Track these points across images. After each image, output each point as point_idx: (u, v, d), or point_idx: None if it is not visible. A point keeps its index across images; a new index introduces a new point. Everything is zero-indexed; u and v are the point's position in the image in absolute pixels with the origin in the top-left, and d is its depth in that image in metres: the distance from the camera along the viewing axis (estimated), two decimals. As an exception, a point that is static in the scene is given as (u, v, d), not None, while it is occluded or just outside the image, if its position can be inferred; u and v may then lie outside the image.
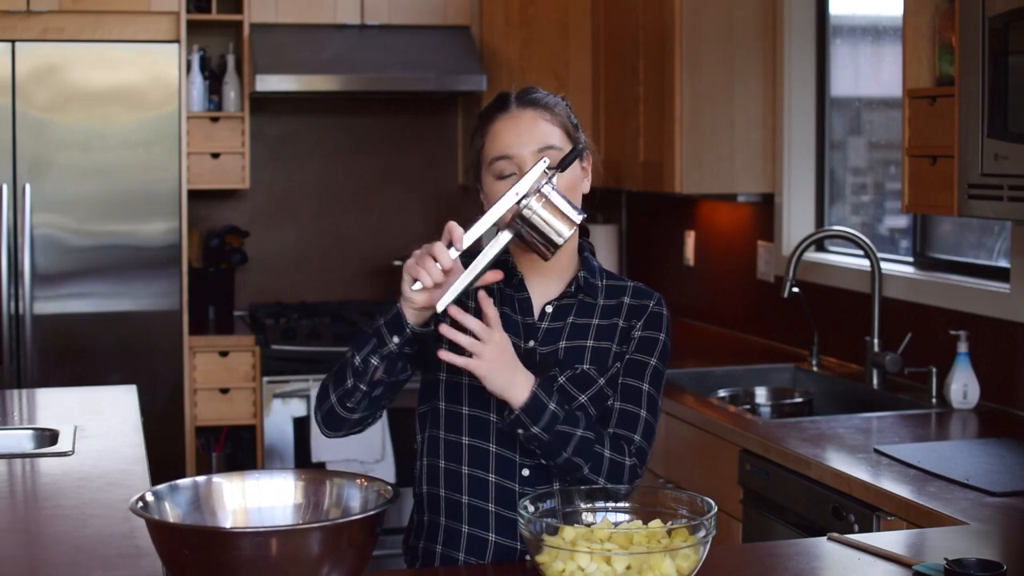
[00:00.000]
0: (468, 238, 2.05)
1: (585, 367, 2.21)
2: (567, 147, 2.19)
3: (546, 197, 2.03)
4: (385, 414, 4.66)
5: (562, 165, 2.07)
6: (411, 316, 2.07)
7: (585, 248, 2.29)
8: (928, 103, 3.12)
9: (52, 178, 4.68)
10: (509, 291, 2.23)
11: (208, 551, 1.68)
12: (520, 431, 2.11)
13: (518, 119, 2.19)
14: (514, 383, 2.08)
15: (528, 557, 2.18)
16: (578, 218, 2.04)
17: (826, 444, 3.03)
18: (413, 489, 2.30)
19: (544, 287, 2.24)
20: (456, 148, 5.59)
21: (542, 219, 2.02)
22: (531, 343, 2.20)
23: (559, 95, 2.27)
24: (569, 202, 2.05)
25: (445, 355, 2.05)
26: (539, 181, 2.04)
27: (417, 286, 2.03)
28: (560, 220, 2.03)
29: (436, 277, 2.01)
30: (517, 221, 2.03)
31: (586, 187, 2.26)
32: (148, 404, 3.66)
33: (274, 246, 5.46)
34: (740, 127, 4.44)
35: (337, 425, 2.17)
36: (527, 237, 2.04)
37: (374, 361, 2.09)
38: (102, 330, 4.75)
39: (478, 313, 2.09)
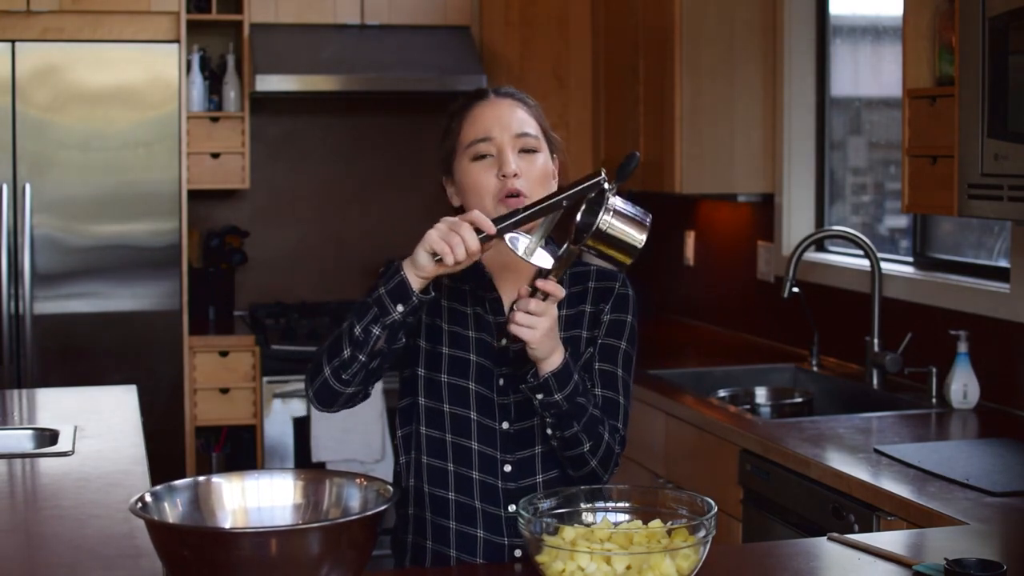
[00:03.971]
0: (498, 228, 2.01)
1: None
2: (543, 140, 2.23)
3: (615, 209, 1.99)
4: (385, 414, 4.67)
5: (621, 175, 2.03)
6: (416, 284, 2.03)
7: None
8: (928, 103, 3.12)
9: (52, 178, 4.68)
10: (480, 291, 2.24)
11: (208, 551, 1.68)
12: (541, 395, 2.11)
13: (498, 105, 2.23)
14: (553, 352, 2.09)
15: (518, 552, 2.19)
16: (648, 220, 2.02)
17: (826, 444, 3.03)
18: (398, 483, 2.30)
19: (513, 285, 2.25)
20: (456, 148, 5.59)
21: (620, 230, 1.99)
22: (503, 341, 2.21)
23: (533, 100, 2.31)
24: (635, 206, 2.03)
25: (514, 327, 2.06)
26: (592, 191, 2.01)
27: (438, 259, 2.00)
28: (634, 227, 2.00)
29: (459, 256, 1.98)
30: (587, 238, 1.99)
31: (554, 186, 2.26)
32: (148, 404, 3.66)
33: (274, 246, 5.46)
34: (740, 127, 4.44)
35: (330, 399, 2.12)
36: (603, 252, 2.01)
37: (375, 331, 2.05)
38: (102, 330, 4.75)
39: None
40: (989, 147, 2.80)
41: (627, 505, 1.99)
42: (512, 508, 2.21)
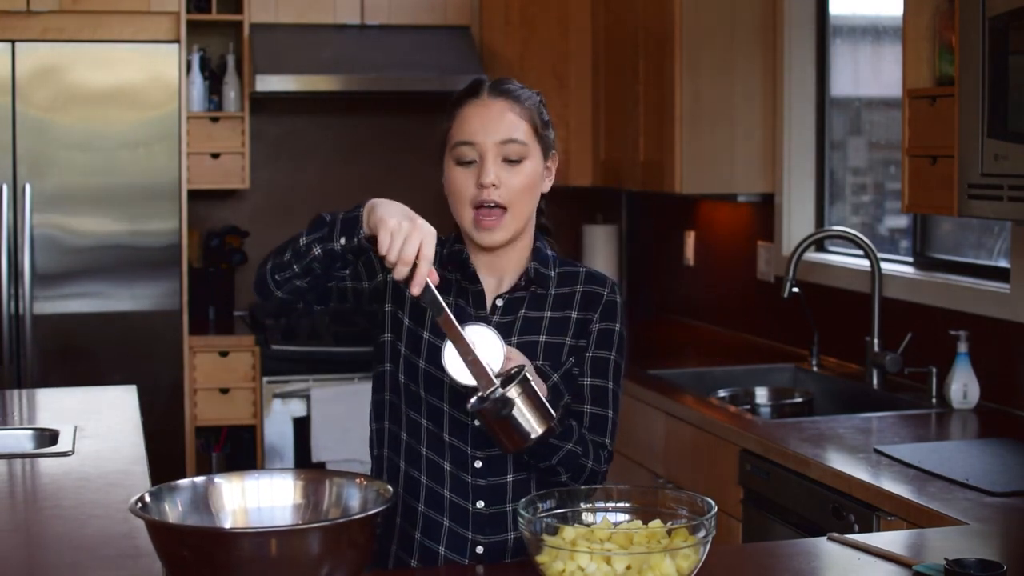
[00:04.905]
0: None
1: (538, 363, 2.20)
2: (532, 144, 2.19)
3: (529, 391, 1.94)
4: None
5: (513, 382, 1.96)
6: (367, 230, 2.02)
7: (539, 238, 2.29)
8: (928, 103, 3.12)
9: (52, 178, 4.68)
10: (464, 283, 2.23)
11: (208, 551, 1.68)
12: None
13: (488, 107, 2.19)
14: None
15: (480, 549, 2.20)
16: (553, 421, 1.96)
17: (826, 444, 3.03)
18: (371, 449, 2.29)
19: (497, 279, 2.24)
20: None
21: (522, 414, 1.94)
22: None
23: (534, 91, 2.26)
24: (547, 401, 1.97)
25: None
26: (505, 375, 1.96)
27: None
28: (536, 417, 1.95)
29: (388, 262, 1.96)
30: (493, 401, 1.94)
31: (546, 187, 2.25)
32: (148, 404, 3.66)
33: (274, 246, 5.45)
34: (740, 127, 4.44)
35: (263, 292, 2.14)
36: (494, 426, 1.96)
37: (316, 250, 2.05)
38: (102, 330, 4.75)
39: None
40: (989, 147, 2.80)
41: (627, 505, 1.99)
42: (480, 504, 2.20)
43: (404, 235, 1.95)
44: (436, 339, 2.19)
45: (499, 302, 2.23)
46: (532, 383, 1.96)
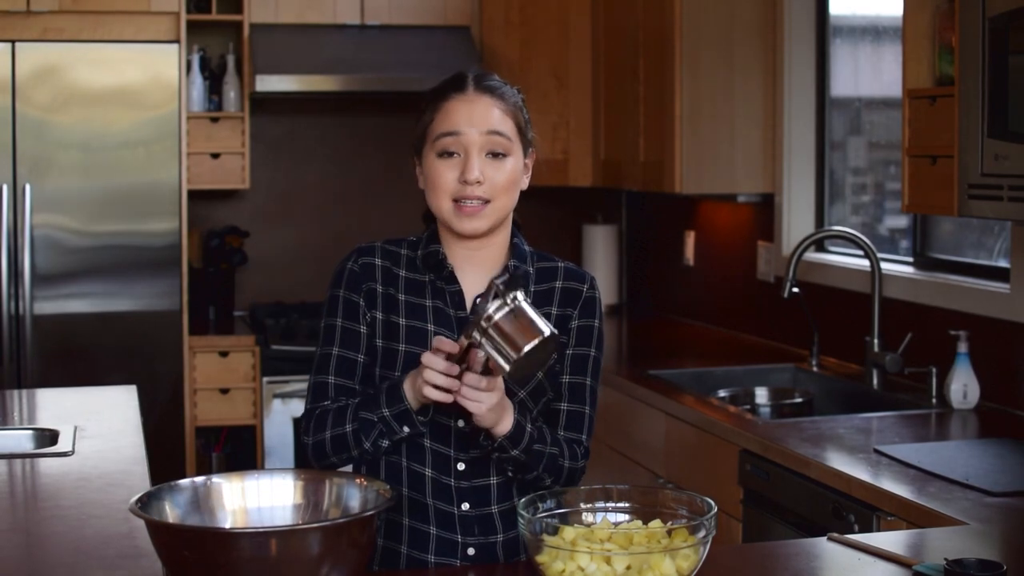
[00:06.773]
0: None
1: None
2: (516, 140, 2.18)
3: (512, 307, 1.93)
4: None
5: (511, 284, 1.95)
6: (414, 403, 2.07)
7: (516, 234, 2.27)
8: (928, 103, 3.12)
9: (52, 178, 4.68)
10: (440, 283, 2.20)
11: (208, 551, 1.68)
12: (497, 453, 2.11)
13: (473, 102, 2.19)
14: (502, 419, 2.07)
15: (472, 551, 2.18)
16: (547, 330, 1.93)
17: (826, 444, 3.03)
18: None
19: (475, 279, 2.21)
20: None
21: (507, 329, 1.92)
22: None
23: (515, 87, 2.26)
24: (538, 313, 1.95)
25: (461, 400, 2.01)
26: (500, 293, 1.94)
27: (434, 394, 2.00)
28: (524, 331, 1.92)
29: (443, 385, 1.99)
30: (478, 335, 1.93)
31: (525, 184, 2.24)
32: (148, 404, 3.66)
33: (274, 246, 5.46)
34: (740, 127, 4.44)
35: (323, 463, 2.16)
36: (489, 349, 1.93)
37: (384, 444, 2.10)
38: (102, 330, 4.75)
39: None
40: (989, 147, 2.80)
41: (627, 505, 1.99)
42: (465, 507, 2.18)
43: (441, 397, 2.00)
44: (413, 347, 2.17)
45: (479, 301, 2.21)
46: (517, 305, 1.94)
